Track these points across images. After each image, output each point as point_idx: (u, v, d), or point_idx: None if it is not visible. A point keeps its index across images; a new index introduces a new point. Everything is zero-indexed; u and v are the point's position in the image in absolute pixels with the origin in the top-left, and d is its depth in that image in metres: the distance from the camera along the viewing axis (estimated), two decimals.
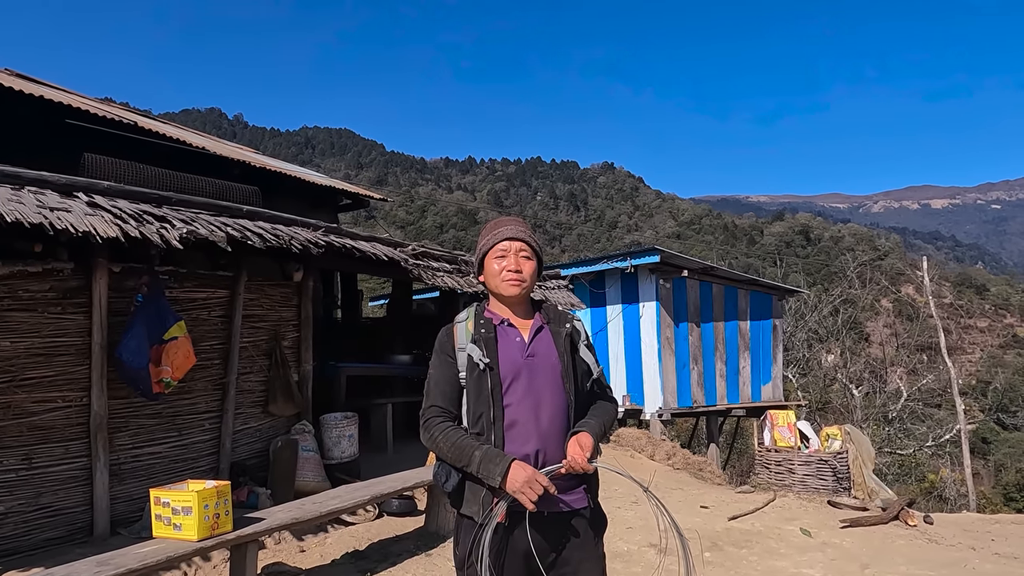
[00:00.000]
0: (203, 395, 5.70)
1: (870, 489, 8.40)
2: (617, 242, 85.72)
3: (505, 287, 2.27)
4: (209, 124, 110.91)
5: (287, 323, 6.55)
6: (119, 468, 5.03)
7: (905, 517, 7.04)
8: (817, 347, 26.41)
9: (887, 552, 5.89)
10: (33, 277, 4.59)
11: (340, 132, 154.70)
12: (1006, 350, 58.27)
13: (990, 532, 7.21)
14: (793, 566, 5.40)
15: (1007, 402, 36.08)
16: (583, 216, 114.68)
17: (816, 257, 77.16)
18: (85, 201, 4.52)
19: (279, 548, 5.12)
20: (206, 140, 10.76)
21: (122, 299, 5.02)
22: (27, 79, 8.40)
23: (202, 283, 5.69)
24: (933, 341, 23.98)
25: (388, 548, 5.31)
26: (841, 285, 31.24)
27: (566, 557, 2.19)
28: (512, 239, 2.29)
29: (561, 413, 2.22)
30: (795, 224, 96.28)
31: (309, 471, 6.15)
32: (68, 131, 7.33)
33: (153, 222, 4.65)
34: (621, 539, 5.72)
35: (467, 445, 2.14)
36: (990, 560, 5.85)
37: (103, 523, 4.83)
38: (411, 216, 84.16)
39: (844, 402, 24.21)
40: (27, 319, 4.59)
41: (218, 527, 3.81)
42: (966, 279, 76.55)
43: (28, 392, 4.58)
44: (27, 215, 4.00)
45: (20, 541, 4.49)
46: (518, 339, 2.27)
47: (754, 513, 7.09)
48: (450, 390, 2.25)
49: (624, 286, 13.01)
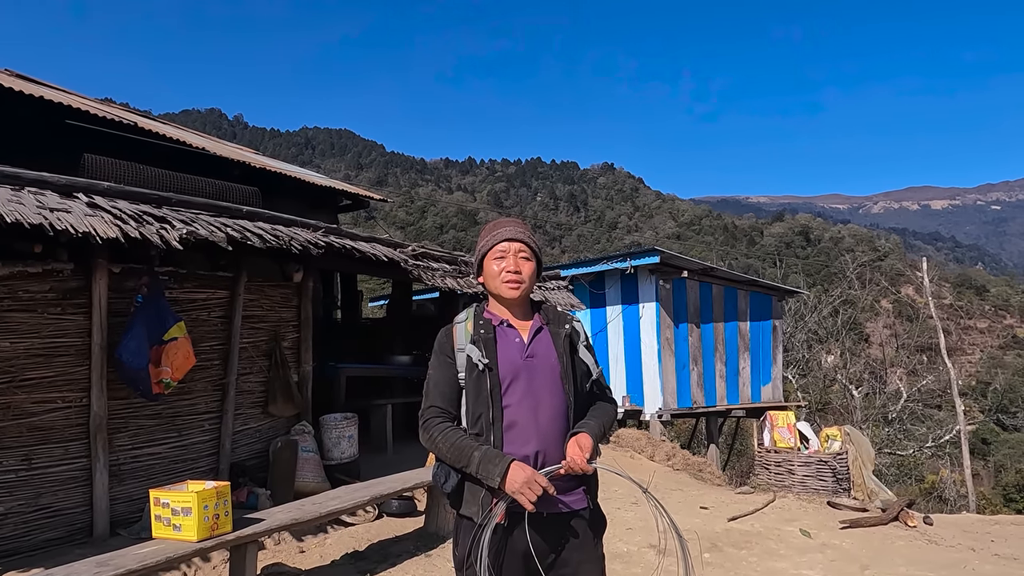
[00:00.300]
0: (203, 396, 5.70)
1: (870, 490, 8.39)
2: (617, 243, 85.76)
3: (504, 288, 2.27)
4: (209, 125, 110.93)
5: (287, 324, 6.56)
6: (119, 469, 5.03)
7: (905, 518, 7.04)
8: (817, 348, 26.41)
9: (887, 553, 5.89)
10: (33, 278, 4.60)
11: (340, 133, 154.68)
12: (1006, 351, 58.29)
13: (990, 533, 7.21)
14: (793, 567, 5.40)
15: (1007, 403, 36.09)
16: (583, 217, 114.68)
17: (816, 258, 77.17)
18: (85, 202, 4.52)
19: (279, 549, 5.12)
20: (206, 141, 10.76)
21: (122, 300, 5.02)
22: (27, 79, 8.40)
23: (202, 284, 5.69)
24: (933, 342, 24.01)
25: (388, 549, 5.31)
26: (841, 286, 31.27)
27: (565, 558, 2.18)
28: (511, 240, 2.29)
29: (560, 414, 2.22)
30: (795, 225, 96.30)
31: (309, 472, 6.15)
32: (68, 132, 7.34)
33: (153, 223, 4.66)
34: (621, 540, 5.72)
35: (466, 446, 2.14)
36: (990, 561, 5.84)
37: (103, 524, 4.84)
38: (411, 217, 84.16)
39: (844, 403, 24.21)
40: (27, 320, 4.59)
41: (218, 528, 3.82)
42: (966, 280, 76.57)
43: (28, 393, 4.58)
44: (27, 216, 4.00)
45: (20, 542, 4.49)
46: (517, 340, 2.26)
47: (754, 514, 7.09)
48: (449, 391, 2.25)
49: (624, 287, 13.01)
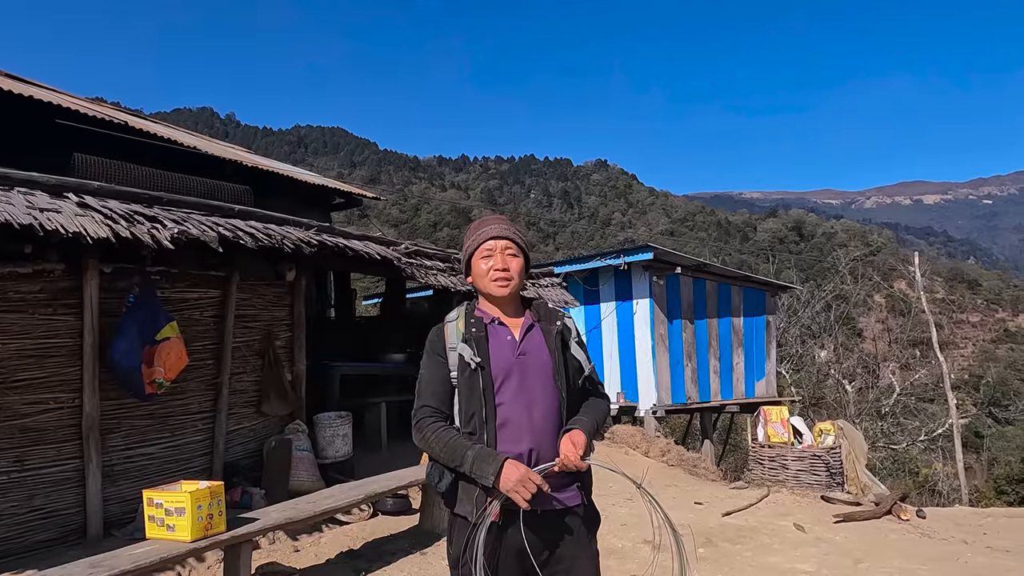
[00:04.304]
0: (196, 395, 5.68)
1: (863, 484, 8.43)
2: (611, 239, 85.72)
3: (494, 287, 2.26)
4: (201, 123, 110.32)
5: (280, 323, 6.54)
6: (112, 469, 5.01)
7: (898, 511, 7.08)
8: (810, 343, 26.50)
9: (880, 546, 5.92)
10: (23, 278, 4.57)
11: (333, 131, 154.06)
12: (998, 344, 58.49)
13: (982, 526, 7.25)
14: (787, 561, 5.43)
15: (999, 396, 36.23)
16: (577, 213, 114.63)
17: (809, 253, 77.29)
18: (75, 201, 4.50)
19: (273, 548, 5.11)
20: (198, 139, 10.72)
21: (114, 300, 4.99)
22: (16, 79, 8.34)
23: (194, 283, 5.67)
24: (925, 336, 24.09)
25: (383, 547, 5.31)
26: (834, 281, 31.35)
27: (560, 555, 2.19)
28: (497, 238, 2.28)
29: (553, 411, 2.22)
30: (788, 220, 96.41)
31: (303, 471, 6.13)
32: (58, 131, 7.29)
33: (144, 222, 4.64)
34: (615, 536, 5.74)
35: (459, 445, 2.14)
36: (983, 553, 5.88)
37: (96, 525, 4.82)
38: (404, 214, 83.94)
39: (837, 397, 24.29)
40: (18, 320, 4.56)
41: (212, 528, 3.81)
42: (958, 274, 76.84)
43: (19, 394, 4.56)
44: (16, 216, 3.98)
45: (13, 543, 4.47)
46: (509, 337, 2.26)
47: (748, 509, 7.12)
48: (441, 390, 2.24)
49: (618, 283, 13.02)
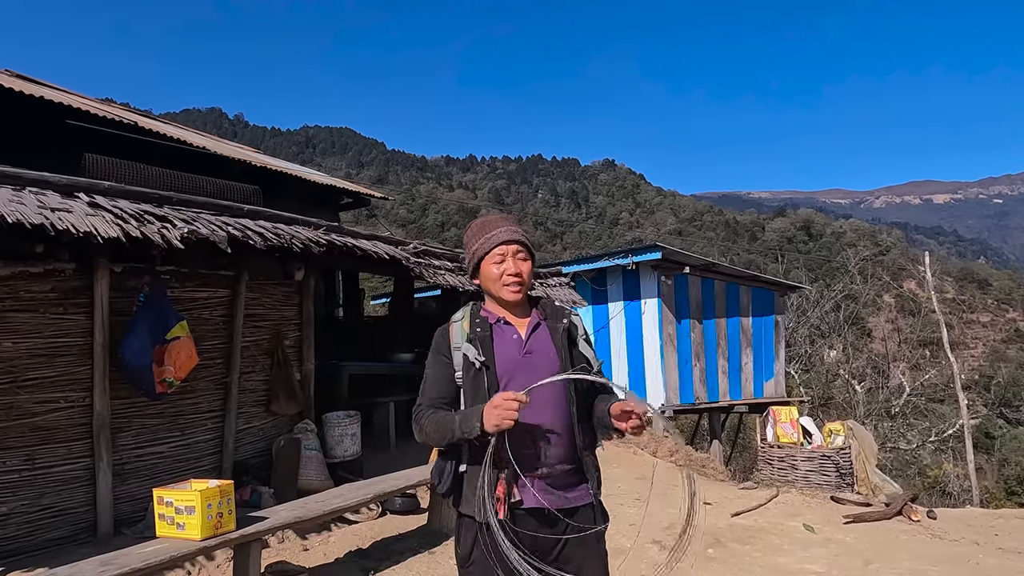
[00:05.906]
0: (205, 395, 5.70)
1: (873, 484, 8.40)
2: (618, 239, 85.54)
3: (506, 292, 2.26)
4: (210, 124, 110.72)
5: (289, 322, 6.55)
6: (122, 468, 5.03)
7: (908, 512, 7.04)
8: (819, 343, 26.41)
9: (890, 547, 5.89)
10: (35, 278, 4.60)
11: (341, 131, 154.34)
12: (1009, 344, 58.02)
13: (994, 527, 7.20)
14: (796, 562, 5.41)
15: (1010, 396, 35.99)
16: (584, 213, 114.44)
17: (818, 253, 76.94)
18: (86, 201, 4.52)
19: (283, 547, 5.12)
20: (207, 140, 10.76)
21: (124, 299, 5.02)
22: (27, 80, 8.40)
23: (204, 283, 5.69)
24: (936, 336, 23.96)
25: (391, 546, 5.31)
26: (843, 281, 31.24)
27: (568, 554, 2.18)
28: (508, 242, 2.27)
29: (561, 409, 2.21)
30: (796, 220, 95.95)
31: (312, 470, 6.15)
32: (68, 132, 7.34)
33: (154, 222, 4.65)
34: (623, 536, 5.72)
35: (447, 418, 2.16)
36: (994, 555, 5.84)
37: (106, 523, 4.84)
38: (412, 214, 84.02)
39: (847, 398, 24.19)
40: (29, 320, 4.59)
41: (221, 526, 3.82)
42: (968, 274, 76.30)
43: (30, 393, 4.58)
44: (28, 216, 4.00)
45: (24, 541, 4.50)
46: (515, 337, 2.26)
47: (757, 509, 7.09)
48: (446, 389, 2.25)
49: (626, 283, 12.99)
